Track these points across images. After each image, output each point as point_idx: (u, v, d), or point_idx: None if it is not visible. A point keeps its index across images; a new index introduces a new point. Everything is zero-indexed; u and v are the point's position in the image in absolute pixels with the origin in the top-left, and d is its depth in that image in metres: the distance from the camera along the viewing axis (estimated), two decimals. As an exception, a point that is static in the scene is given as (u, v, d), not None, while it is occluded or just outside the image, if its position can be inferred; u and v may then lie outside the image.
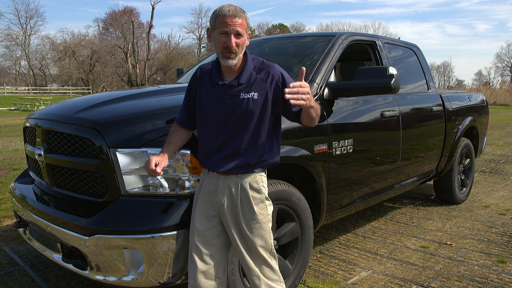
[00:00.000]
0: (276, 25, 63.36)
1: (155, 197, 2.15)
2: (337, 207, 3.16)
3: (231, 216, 1.96)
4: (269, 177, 2.51)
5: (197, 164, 2.14)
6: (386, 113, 3.49)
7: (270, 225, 2.03)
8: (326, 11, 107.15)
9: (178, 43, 53.98)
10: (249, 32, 1.95)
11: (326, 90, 2.97)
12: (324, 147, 2.83)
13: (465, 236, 3.94)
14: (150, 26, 46.12)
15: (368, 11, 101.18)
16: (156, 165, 1.93)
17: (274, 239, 2.53)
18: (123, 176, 2.13)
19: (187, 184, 2.15)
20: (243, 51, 1.93)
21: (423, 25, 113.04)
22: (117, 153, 2.13)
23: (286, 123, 2.63)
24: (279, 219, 2.60)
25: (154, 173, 1.94)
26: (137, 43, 46.66)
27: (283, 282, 2.09)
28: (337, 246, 3.68)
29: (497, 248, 3.64)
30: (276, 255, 2.08)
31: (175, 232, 2.06)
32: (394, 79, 2.84)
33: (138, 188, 2.15)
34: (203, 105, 2.00)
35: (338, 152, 2.95)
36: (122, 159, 2.13)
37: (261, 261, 2.00)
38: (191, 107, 2.08)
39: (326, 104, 2.95)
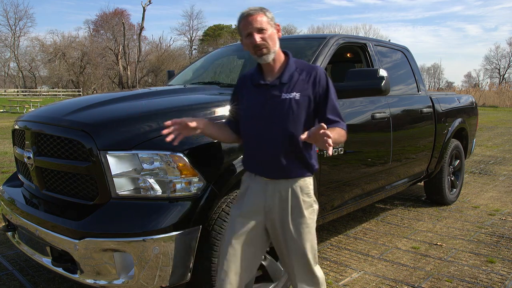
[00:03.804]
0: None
1: (146, 199, 2.14)
2: (329, 209, 3.17)
3: (280, 220, 1.93)
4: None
5: (188, 167, 2.14)
6: (377, 115, 3.51)
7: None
8: (327, 16, 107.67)
9: (170, 45, 53.85)
10: (277, 24, 1.94)
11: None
12: (315, 148, 2.83)
13: (455, 237, 3.98)
14: (141, 28, 45.95)
15: (368, 15, 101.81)
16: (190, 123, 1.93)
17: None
18: (114, 178, 2.12)
19: (178, 186, 2.14)
20: (277, 45, 1.92)
21: (416, 28, 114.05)
22: (107, 155, 2.11)
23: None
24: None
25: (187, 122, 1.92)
26: (128, 45, 46.43)
27: (324, 285, 2.04)
28: (328, 248, 3.69)
29: (486, 248, 3.68)
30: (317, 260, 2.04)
31: (166, 235, 2.05)
32: (384, 81, 2.86)
33: (128, 191, 2.14)
34: (246, 109, 1.98)
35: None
36: (113, 161, 2.12)
37: (306, 266, 1.97)
38: (234, 115, 2.10)
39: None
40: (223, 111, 2.48)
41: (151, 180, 2.13)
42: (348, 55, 4.50)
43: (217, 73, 4.33)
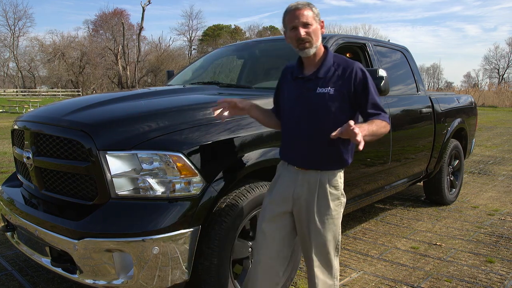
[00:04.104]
0: (267, 27, 63.54)
1: (145, 200, 2.14)
2: (328, 209, 3.17)
3: (306, 209, 2.00)
4: (257, 180, 2.52)
5: (187, 167, 2.14)
6: (376, 115, 3.51)
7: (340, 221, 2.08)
8: (326, 16, 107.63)
9: (169, 45, 53.88)
10: (322, 20, 2.00)
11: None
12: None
13: (455, 237, 3.98)
14: (141, 28, 45.93)
15: (368, 15, 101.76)
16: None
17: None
18: (113, 179, 2.12)
19: (177, 186, 2.15)
20: (319, 40, 1.98)
21: (416, 28, 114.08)
22: (107, 155, 2.12)
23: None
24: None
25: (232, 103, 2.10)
26: (127, 45, 46.42)
27: (338, 279, 2.10)
28: (328, 248, 3.69)
29: (485, 248, 3.69)
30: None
31: (165, 235, 2.06)
32: (383, 81, 2.86)
33: (128, 191, 2.14)
34: (284, 100, 2.08)
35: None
36: (112, 161, 2.12)
37: (325, 256, 2.03)
38: (277, 104, 2.22)
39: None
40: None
41: (151, 180, 2.13)
42: (348, 55, 4.49)
43: (216, 73, 4.33)
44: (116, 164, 2.13)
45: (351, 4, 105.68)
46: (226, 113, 2.10)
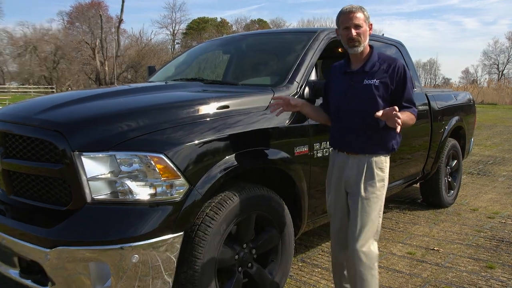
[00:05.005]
0: (255, 20, 63.62)
1: (124, 204, 2.12)
2: (320, 212, 3.19)
3: (356, 188, 2.39)
4: (245, 182, 2.52)
5: (169, 169, 2.13)
6: (370, 113, 3.54)
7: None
8: (318, 8, 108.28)
9: (151, 39, 53.43)
10: (370, 23, 2.42)
11: (307, 89, 2.99)
12: (305, 149, 2.86)
13: (453, 241, 4.03)
14: (120, 20, 45.58)
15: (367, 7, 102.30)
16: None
17: (252, 248, 2.57)
18: (89, 182, 2.10)
19: (158, 190, 2.13)
20: (367, 40, 2.38)
21: (411, 22, 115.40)
22: (82, 157, 2.09)
23: (264, 124, 2.64)
24: (257, 226, 2.61)
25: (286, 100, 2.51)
26: (105, 38, 46.01)
27: (376, 263, 2.41)
28: (319, 254, 3.71)
29: (485, 253, 3.74)
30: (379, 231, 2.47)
31: (145, 242, 2.04)
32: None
33: (105, 195, 2.12)
34: (333, 92, 2.51)
35: (319, 155, 2.98)
36: (88, 163, 2.10)
37: (367, 233, 2.37)
38: (326, 100, 2.64)
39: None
40: (207, 109, 2.49)
41: (130, 183, 2.11)
42: (340, 50, 4.51)
43: (201, 69, 4.33)
44: (92, 166, 2.10)
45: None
46: (280, 109, 2.52)
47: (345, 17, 2.37)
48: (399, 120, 2.07)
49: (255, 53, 4.03)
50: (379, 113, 2.13)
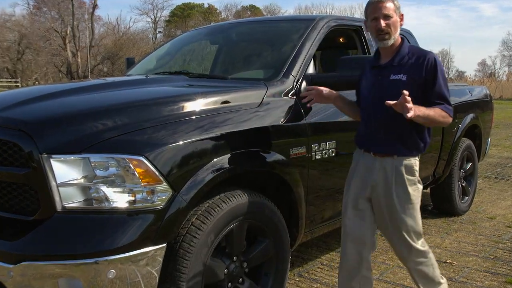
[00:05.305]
0: (246, 7, 63.70)
1: (99, 213, 2.13)
2: (318, 221, 3.21)
3: (385, 196, 2.45)
4: (235, 187, 2.54)
5: (150, 173, 2.14)
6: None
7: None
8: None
9: (129, 27, 53.31)
10: (401, 13, 2.47)
11: (304, 84, 3.02)
12: (302, 150, 2.87)
13: (468, 253, 4.06)
14: (94, 6, 45.41)
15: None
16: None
17: (243, 261, 2.57)
18: (59, 188, 2.10)
19: (138, 196, 2.14)
20: (398, 32, 2.44)
21: (422, 8, 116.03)
22: (51, 160, 2.09)
23: (256, 123, 2.66)
24: (249, 236, 2.62)
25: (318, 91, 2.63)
26: (77, 26, 45.78)
27: (432, 259, 2.60)
28: (319, 268, 3.73)
29: (504, 267, 3.77)
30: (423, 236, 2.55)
31: (123, 255, 2.05)
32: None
33: (78, 202, 2.12)
34: (362, 88, 2.60)
35: (318, 156, 2.99)
36: (58, 167, 2.10)
37: (407, 241, 2.46)
38: (358, 96, 2.71)
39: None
40: (193, 106, 2.50)
41: (106, 189, 2.11)
42: (341, 39, 4.56)
43: (186, 62, 4.34)
44: (63, 171, 2.10)
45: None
46: (313, 100, 2.64)
47: (374, 7, 2.41)
48: (408, 105, 2.12)
49: (247, 43, 4.05)
50: (392, 102, 2.19)
